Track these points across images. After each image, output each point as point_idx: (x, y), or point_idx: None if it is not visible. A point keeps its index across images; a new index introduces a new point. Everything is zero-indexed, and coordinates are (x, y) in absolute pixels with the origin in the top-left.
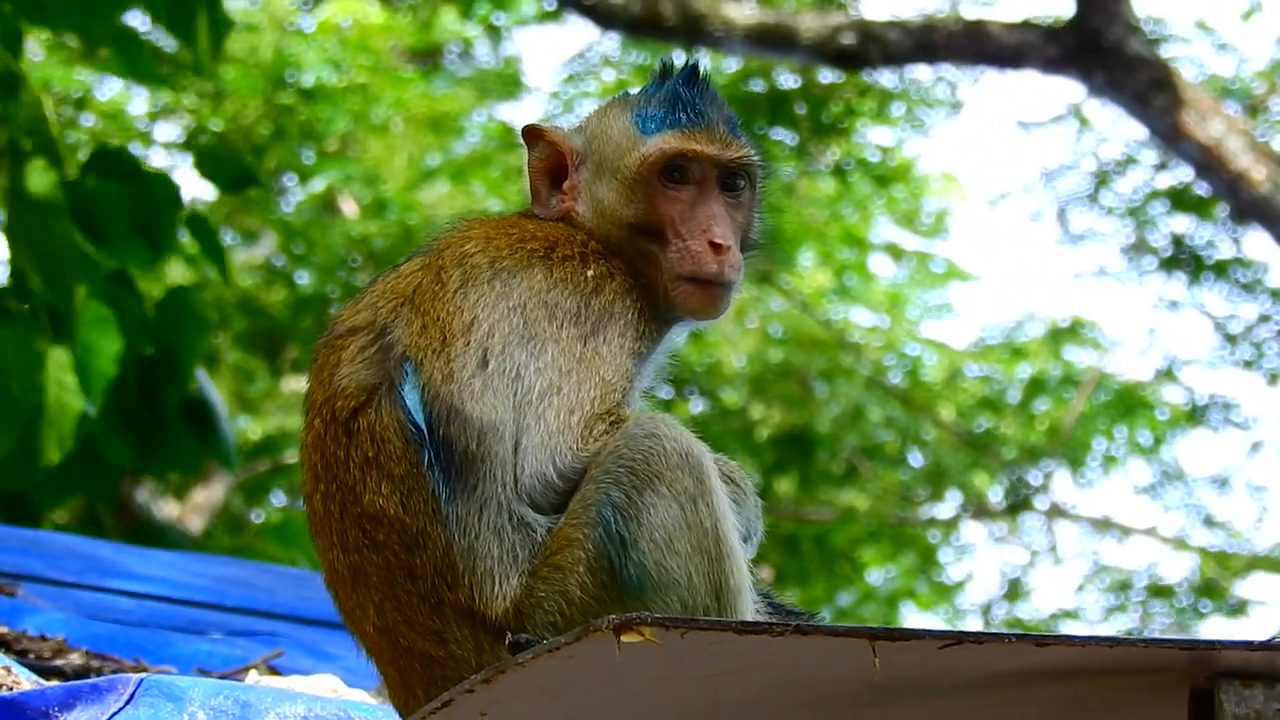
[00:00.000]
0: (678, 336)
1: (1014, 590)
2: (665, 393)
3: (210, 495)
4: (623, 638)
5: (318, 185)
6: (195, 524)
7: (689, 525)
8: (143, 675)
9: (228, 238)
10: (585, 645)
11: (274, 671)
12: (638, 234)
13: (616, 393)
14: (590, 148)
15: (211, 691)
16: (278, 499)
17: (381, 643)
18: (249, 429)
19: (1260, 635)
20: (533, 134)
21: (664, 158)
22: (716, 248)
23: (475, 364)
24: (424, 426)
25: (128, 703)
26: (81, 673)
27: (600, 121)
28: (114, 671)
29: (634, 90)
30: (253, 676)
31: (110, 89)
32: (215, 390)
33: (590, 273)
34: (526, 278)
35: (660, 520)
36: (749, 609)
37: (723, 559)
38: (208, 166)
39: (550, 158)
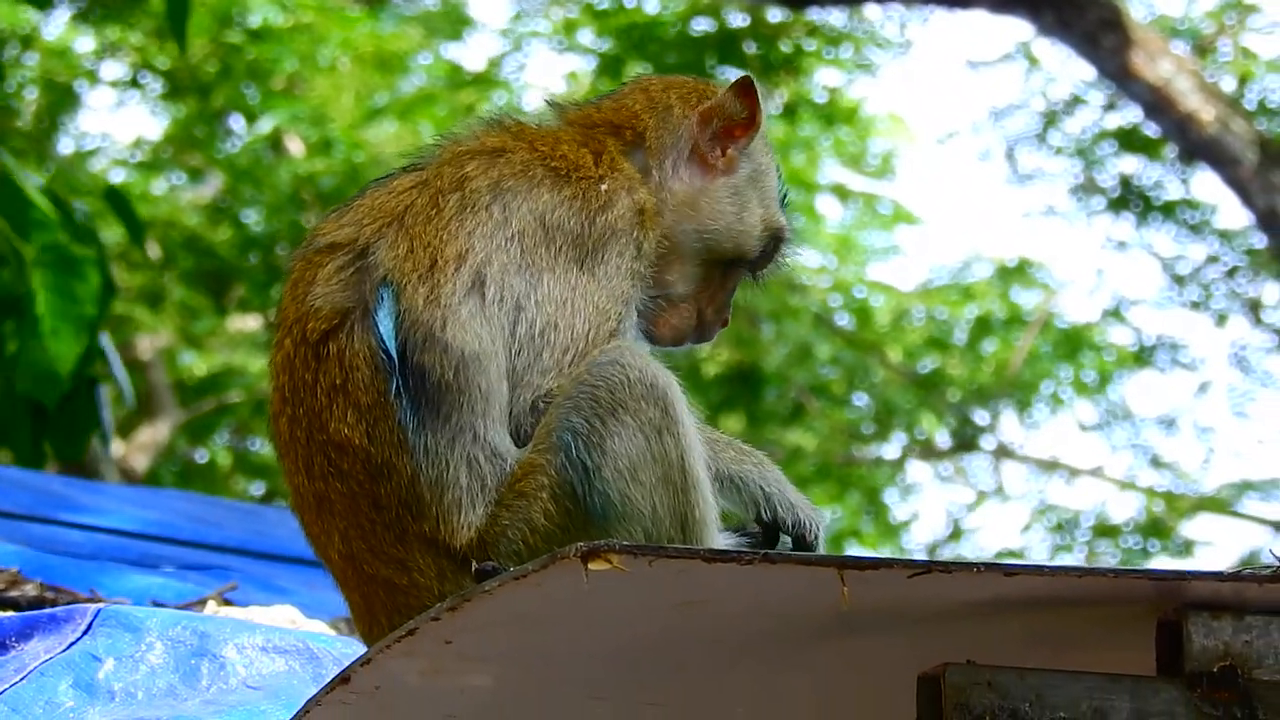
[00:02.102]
0: None
1: (959, 530)
2: None
3: (155, 434)
4: (590, 565)
5: (265, 125)
6: (140, 463)
7: (654, 456)
8: (100, 606)
9: (174, 177)
10: (553, 573)
11: (228, 604)
12: (732, 257)
13: (611, 320)
14: (757, 152)
15: (169, 622)
16: (223, 437)
17: (346, 569)
18: (194, 365)
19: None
20: (748, 89)
21: (788, 236)
22: (724, 324)
23: (465, 291)
24: (395, 354)
25: (85, 633)
26: (36, 604)
27: (764, 138)
28: (69, 603)
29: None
30: (210, 608)
31: (57, 27)
32: (117, 359)
33: (605, 187)
34: (530, 199)
35: (624, 450)
36: (715, 541)
37: (688, 490)
38: None
39: (738, 120)
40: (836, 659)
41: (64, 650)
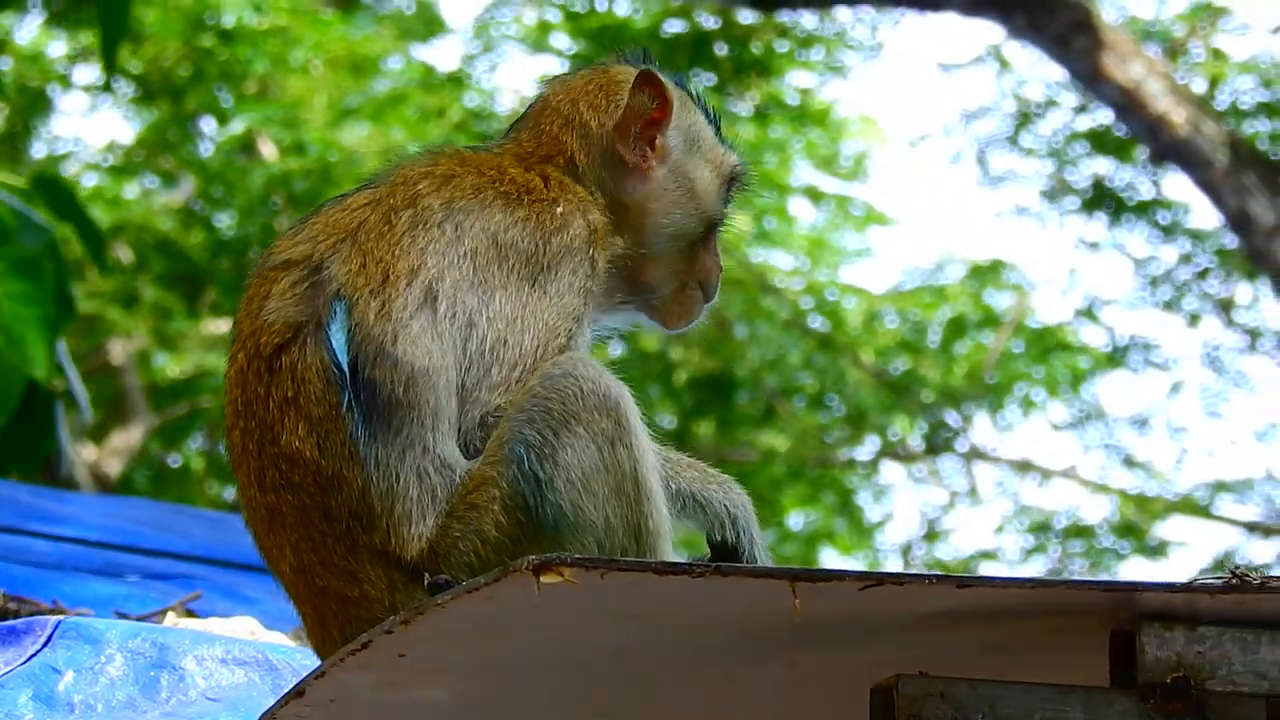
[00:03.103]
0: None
1: (933, 531)
2: None
3: (128, 438)
4: (542, 578)
5: (237, 127)
6: (113, 468)
7: (606, 467)
8: (60, 618)
9: (147, 181)
10: (505, 586)
11: (191, 614)
12: (704, 226)
13: (560, 337)
14: (681, 123)
15: (129, 634)
16: (197, 441)
17: (298, 582)
18: (167, 366)
19: (1181, 577)
20: (650, 80)
21: (743, 173)
22: (720, 270)
23: (416, 306)
24: (347, 368)
25: (45, 645)
26: None
27: (680, 101)
28: (31, 614)
29: (668, 79)
30: (170, 619)
31: (29, 32)
32: (74, 373)
33: (559, 209)
34: (482, 219)
35: (576, 461)
36: (669, 552)
37: (642, 501)
38: None
39: (651, 110)
40: (790, 670)
41: (24, 662)
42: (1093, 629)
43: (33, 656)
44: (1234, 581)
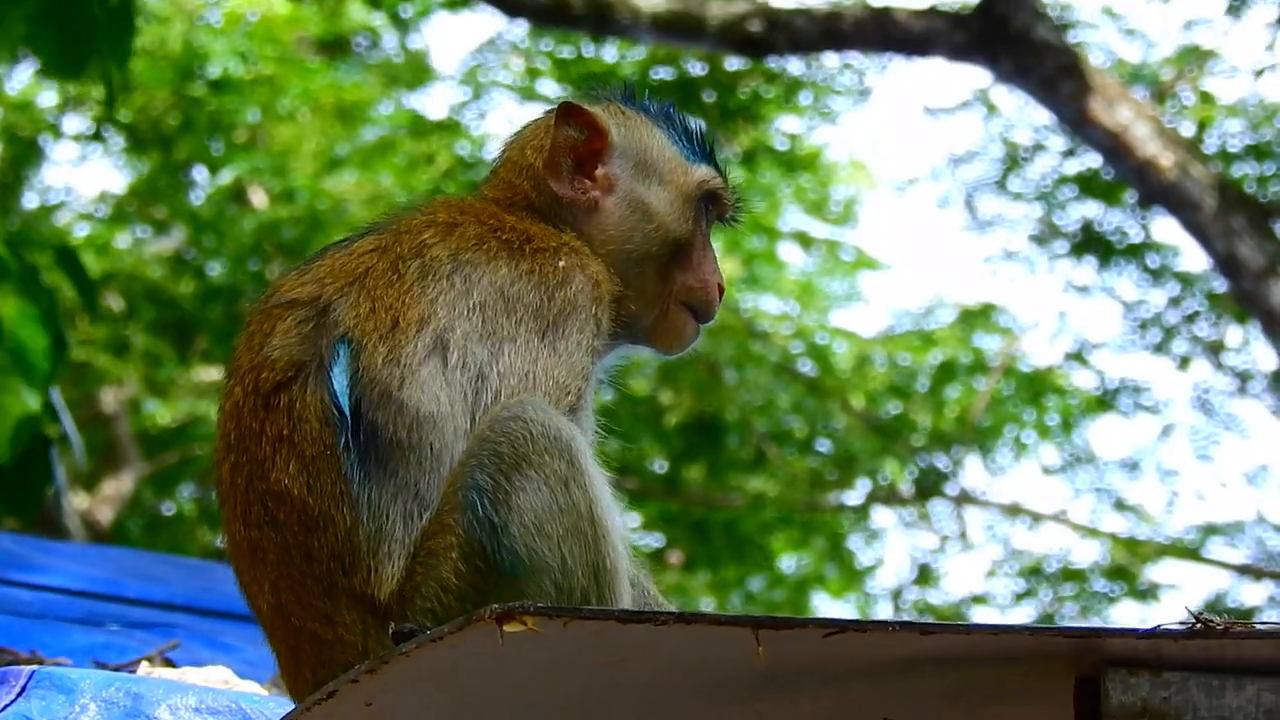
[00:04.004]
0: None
1: (925, 575)
2: None
3: (120, 486)
4: (505, 627)
5: (226, 176)
6: (105, 516)
7: (561, 508)
8: (34, 668)
9: (138, 230)
10: (468, 635)
11: (169, 663)
12: (670, 247)
13: (570, 395)
14: (629, 148)
15: (103, 683)
16: (189, 488)
17: (275, 620)
18: (158, 414)
19: (1152, 623)
20: (571, 111)
21: (717, 188)
22: (720, 290)
23: (425, 353)
24: (347, 410)
25: (19, 695)
26: None
27: (627, 127)
28: (8, 664)
29: (628, 107)
30: (144, 668)
31: (20, 80)
32: (69, 418)
33: (561, 263)
34: (489, 272)
35: (530, 504)
36: (627, 589)
37: (599, 540)
38: None
39: (585, 141)
40: (756, 718)
41: None
42: (1058, 675)
43: (6, 706)
44: (1198, 627)
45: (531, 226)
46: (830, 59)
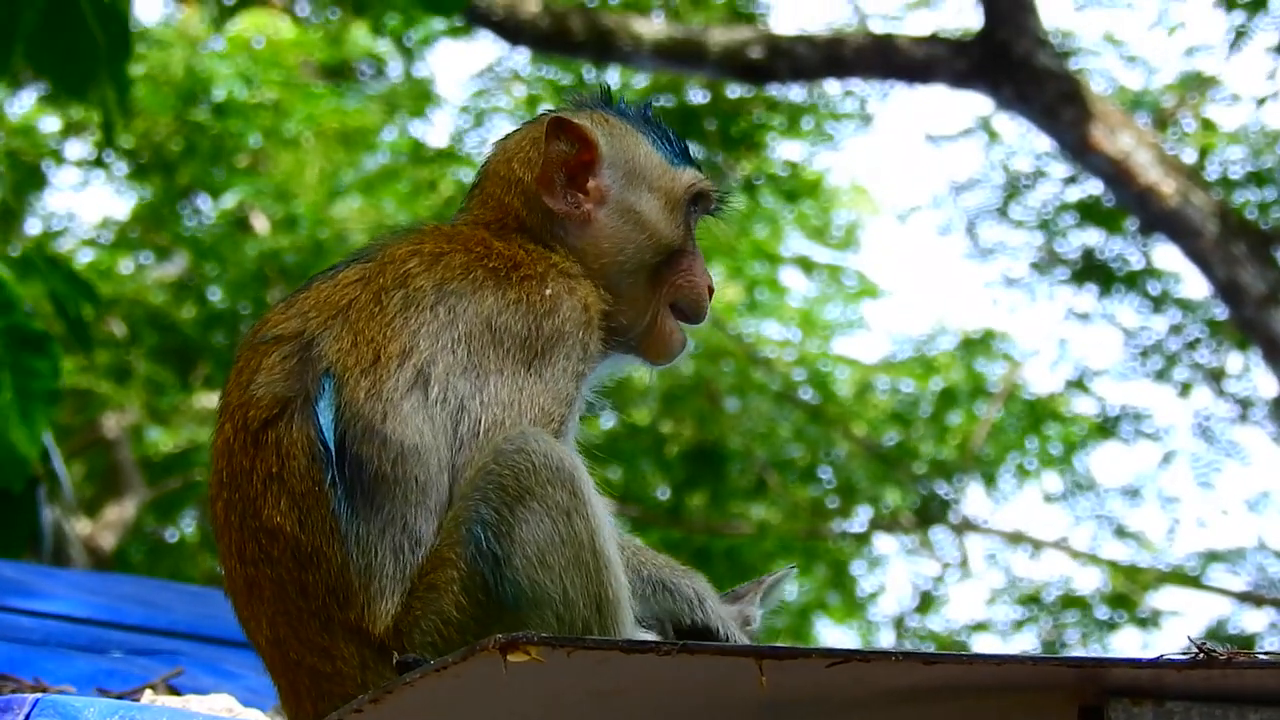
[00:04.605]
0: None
1: (926, 603)
2: None
3: (122, 512)
4: (510, 657)
5: (229, 202)
6: (107, 541)
7: (563, 539)
8: (38, 695)
9: (141, 256)
10: (472, 664)
11: (173, 691)
12: (663, 255)
13: (555, 422)
14: (617, 157)
15: (107, 711)
16: (191, 514)
17: (274, 654)
18: (160, 441)
19: (1163, 650)
20: (561, 125)
21: (704, 189)
22: (709, 291)
23: (407, 387)
24: (332, 445)
25: None
26: None
27: (613, 136)
28: (13, 692)
29: (610, 114)
30: (148, 696)
31: (22, 105)
32: (57, 455)
33: (549, 291)
34: (475, 302)
35: (532, 536)
36: (629, 619)
37: (601, 571)
38: None
39: (575, 154)
40: None
41: None
42: (1061, 705)
43: None
44: (1201, 657)
45: (519, 251)
46: (832, 86)
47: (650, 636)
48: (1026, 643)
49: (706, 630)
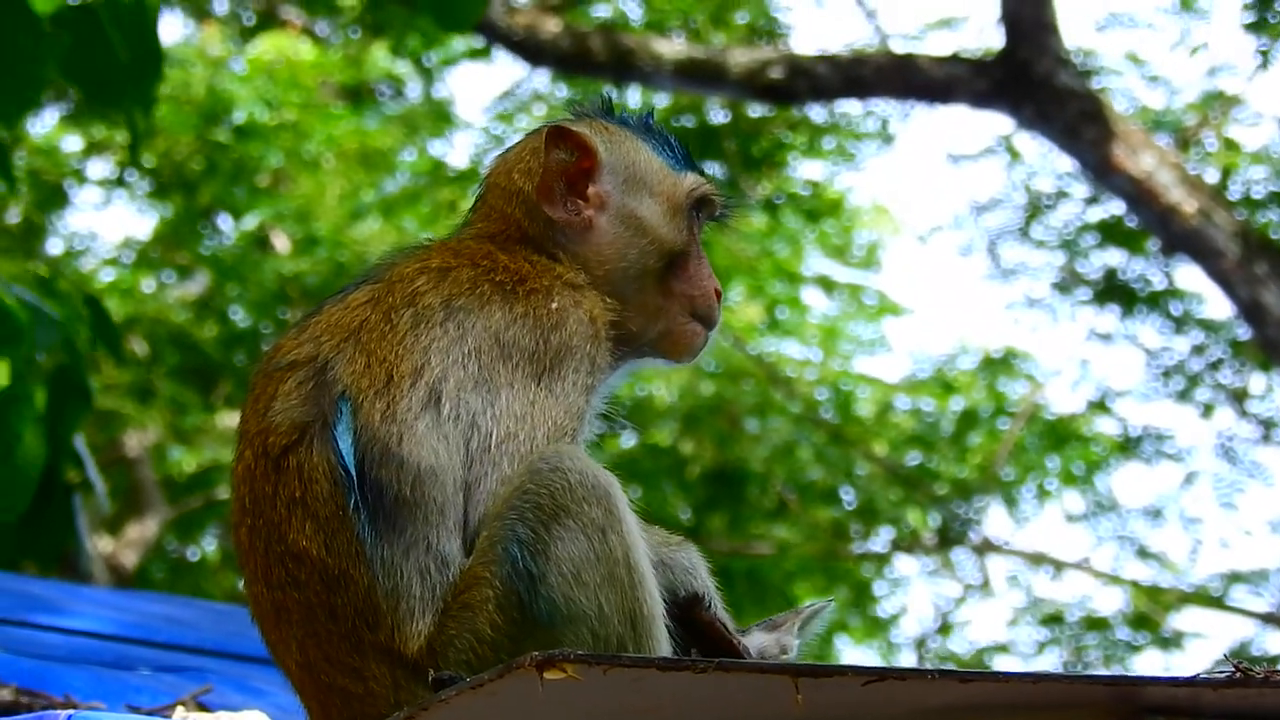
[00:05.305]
0: (628, 373)
1: (947, 624)
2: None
3: (144, 531)
4: (546, 674)
5: (250, 222)
6: (129, 560)
7: (599, 556)
8: (69, 712)
9: (163, 275)
10: (508, 682)
11: (203, 708)
12: (666, 259)
13: (567, 436)
14: (617, 164)
15: None
16: (212, 532)
17: (304, 677)
18: (183, 460)
19: (1189, 670)
20: (560, 134)
21: (706, 193)
22: (718, 295)
23: (420, 407)
24: (353, 469)
25: None
26: (10, 709)
27: (613, 143)
28: (44, 708)
29: (610, 122)
30: (179, 713)
31: (44, 126)
32: (92, 465)
33: (555, 305)
34: (483, 317)
35: (568, 553)
36: (664, 635)
37: (635, 587)
38: None
39: (574, 162)
40: None
41: None
42: None
43: None
44: (1237, 676)
45: (524, 264)
46: (853, 106)
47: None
48: (1048, 665)
49: (695, 598)
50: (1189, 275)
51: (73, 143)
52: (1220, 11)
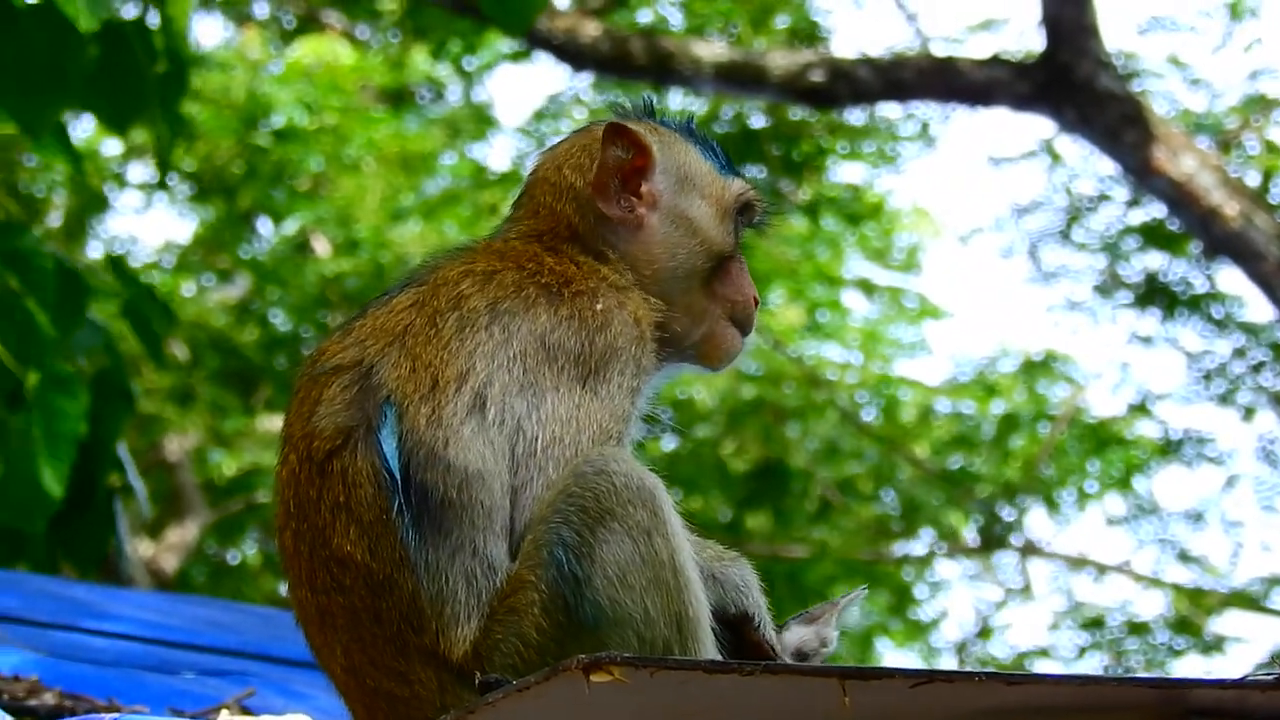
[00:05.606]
0: (667, 378)
1: (988, 628)
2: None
3: (184, 534)
4: (592, 677)
5: (290, 225)
6: (169, 564)
7: (644, 559)
8: (114, 715)
9: (203, 279)
10: (555, 685)
11: (246, 711)
12: (714, 261)
13: (612, 439)
14: (669, 164)
15: None
16: (253, 536)
17: (349, 681)
18: (223, 464)
19: (1232, 673)
20: (617, 131)
21: (753, 199)
22: (755, 302)
23: (465, 412)
24: (397, 473)
25: None
26: (55, 713)
27: (665, 143)
28: (87, 711)
29: (658, 124)
30: (224, 716)
31: (84, 130)
32: (133, 469)
33: (600, 306)
34: (528, 320)
35: (613, 556)
36: (710, 638)
37: (681, 590)
38: None
39: (629, 160)
40: None
41: None
42: None
43: None
44: None
45: (570, 266)
46: (893, 109)
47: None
48: (1089, 669)
49: (745, 616)
50: (1230, 278)
51: (112, 147)
52: (1263, 14)
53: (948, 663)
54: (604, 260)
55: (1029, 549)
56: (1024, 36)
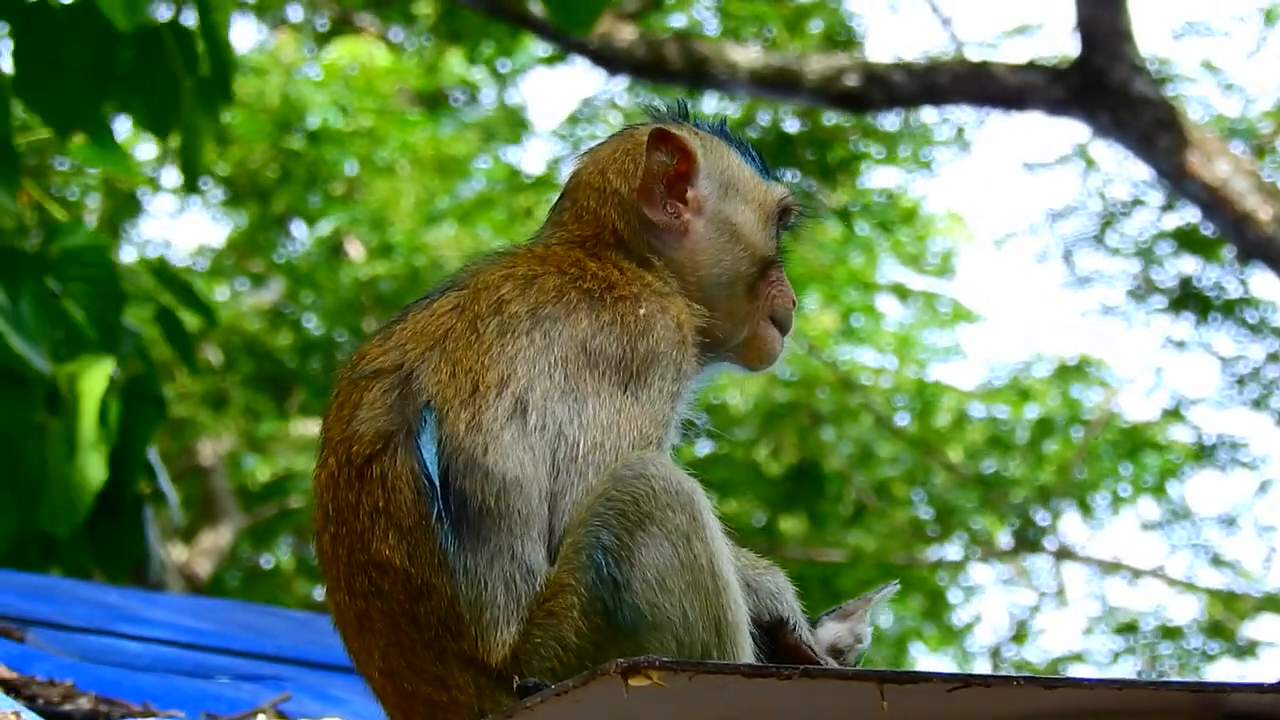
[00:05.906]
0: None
1: (1022, 632)
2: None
3: (218, 539)
4: (631, 681)
5: (324, 229)
6: (203, 568)
7: (683, 563)
8: (153, 719)
9: (237, 283)
10: (593, 689)
11: (282, 716)
12: (758, 266)
13: (652, 444)
14: (713, 170)
15: None
16: (286, 541)
17: (386, 686)
18: (257, 469)
19: (1269, 677)
20: (662, 136)
21: (793, 204)
22: (794, 304)
23: (506, 417)
24: (437, 479)
25: None
26: (90, 718)
27: (708, 149)
28: (122, 716)
29: (697, 128)
30: None
31: (118, 134)
32: (164, 475)
33: (642, 311)
34: (569, 325)
35: (652, 560)
36: (748, 642)
37: (720, 593)
38: None
39: (673, 166)
40: None
41: None
42: None
43: None
44: None
45: (613, 271)
46: (928, 113)
47: None
48: (1124, 674)
49: (780, 622)
50: (1264, 283)
51: (147, 150)
52: None
53: (982, 667)
54: (648, 266)
55: (1063, 553)
56: (1058, 41)
